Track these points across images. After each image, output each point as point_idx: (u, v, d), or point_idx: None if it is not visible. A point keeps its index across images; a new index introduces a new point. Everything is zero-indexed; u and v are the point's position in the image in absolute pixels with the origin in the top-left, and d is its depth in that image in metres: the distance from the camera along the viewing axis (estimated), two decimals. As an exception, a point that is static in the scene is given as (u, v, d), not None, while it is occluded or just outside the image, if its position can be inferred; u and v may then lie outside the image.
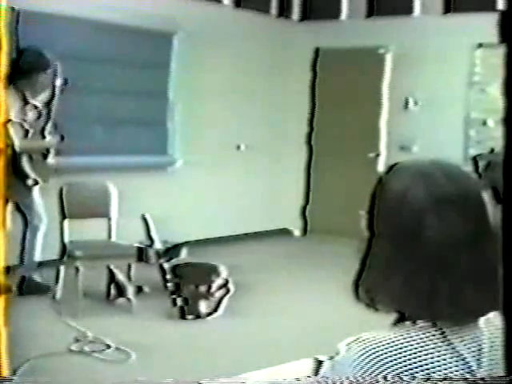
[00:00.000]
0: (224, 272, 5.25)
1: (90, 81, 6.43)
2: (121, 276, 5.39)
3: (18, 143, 5.29)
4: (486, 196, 1.26)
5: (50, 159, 5.51)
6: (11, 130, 5.20)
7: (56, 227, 5.50)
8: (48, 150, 5.49)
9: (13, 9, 5.47)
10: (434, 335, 1.23)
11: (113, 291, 5.43)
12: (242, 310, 5.25)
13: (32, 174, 5.39)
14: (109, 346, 4.43)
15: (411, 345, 1.22)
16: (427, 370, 1.20)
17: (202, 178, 7.41)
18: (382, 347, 1.21)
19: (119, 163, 5.84)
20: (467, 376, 1.22)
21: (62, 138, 5.54)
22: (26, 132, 5.34)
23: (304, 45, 8.12)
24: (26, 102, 5.38)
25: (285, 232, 8.41)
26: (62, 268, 5.30)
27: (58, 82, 5.45)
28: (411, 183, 1.27)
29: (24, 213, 5.51)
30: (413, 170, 1.31)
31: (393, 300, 1.26)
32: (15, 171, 5.24)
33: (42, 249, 5.73)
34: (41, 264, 5.63)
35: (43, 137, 5.45)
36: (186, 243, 5.52)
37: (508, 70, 1.16)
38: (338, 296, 2.64)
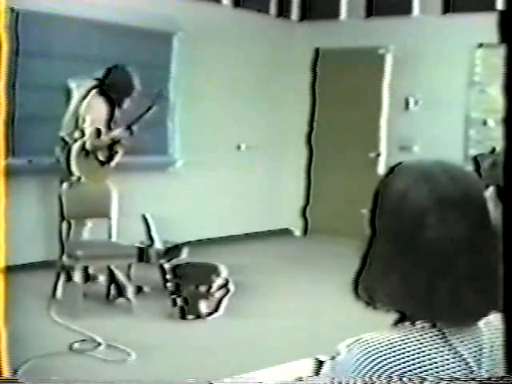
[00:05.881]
0: (224, 272, 5.25)
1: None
2: (121, 276, 5.39)
3: (89, 141, 5.53)
4: (488, 197, 1.26)
5: (116, 159, 5.69)
6: (88, 130, 5.51)
7: (56, 227, 5.51)
8: (116, 143, 5.64)
9: (12, 9, 5.48)
10: (434, 336, 1.23)
11: (113, 291, 5.43)
12: (242, 310, 5.25)
13: (77, 172, 5.49)
14: (109, 346, 4.44)
15: (412, 345, 1.22)
16: (428, 370, 1.20)
17: (202, 178, 7.40)
18: (382, 348, 1.21)
19: (119, 163, 5.83)
20: (467, 377, 1.22)
21: (131, 132, 5.66)
22: (99, 132, 5.57)
23: (304, 45, 8.12)
24: (111, 110, 5.68)
25: (285, 232, 8.41)
26: (62, 268, 5.30)
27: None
28: (413, 183, 1.27)
29: None
30: (415, 170, 1.31)
31: (392, 299, 1.26)
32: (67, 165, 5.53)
33: (42, 249, 5.73)
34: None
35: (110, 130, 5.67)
36: (186, 243, 5.51)
37: (508, 69, 1.16)
38: (338, 296, 2.64)
